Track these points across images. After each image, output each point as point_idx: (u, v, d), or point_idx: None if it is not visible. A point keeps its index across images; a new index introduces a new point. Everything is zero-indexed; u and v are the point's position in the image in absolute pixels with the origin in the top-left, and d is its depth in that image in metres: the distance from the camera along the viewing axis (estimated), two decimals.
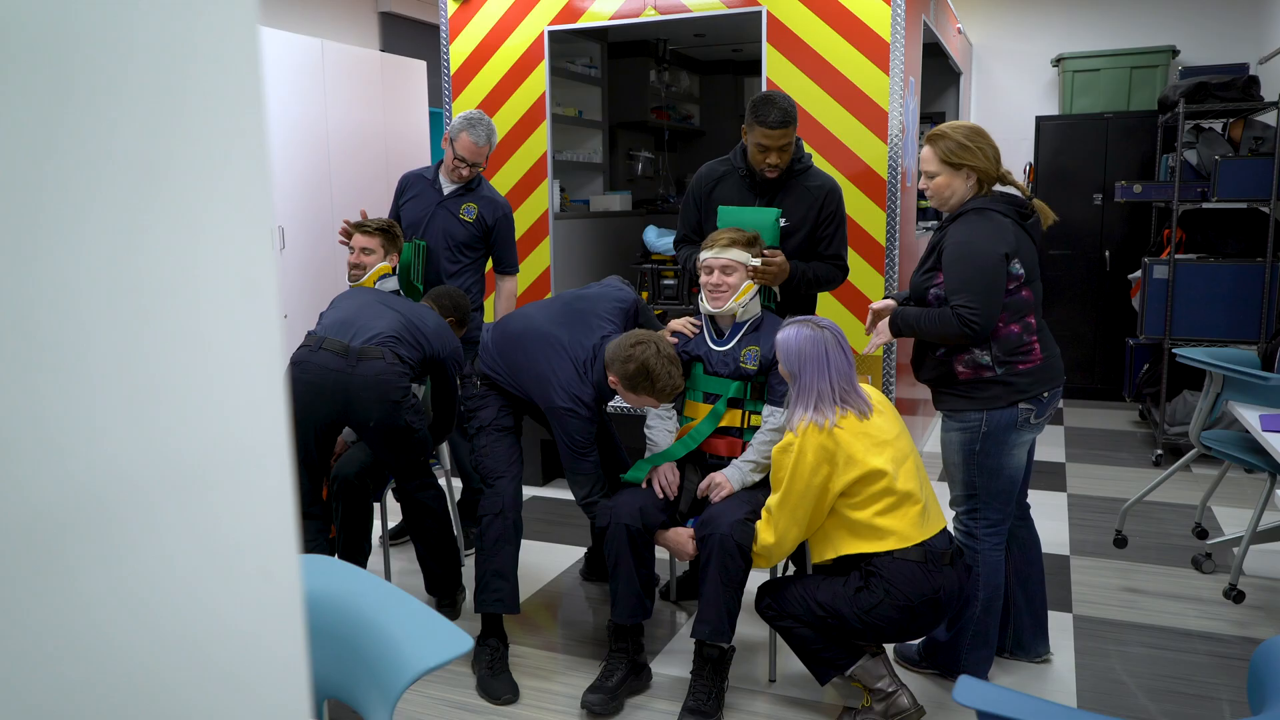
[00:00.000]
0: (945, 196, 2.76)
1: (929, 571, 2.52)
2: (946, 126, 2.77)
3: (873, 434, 2.58)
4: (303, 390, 3.05)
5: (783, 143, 3.16)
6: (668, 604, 3.59)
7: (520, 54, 4.89)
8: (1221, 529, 4.19)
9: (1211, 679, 2.98)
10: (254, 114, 0.48)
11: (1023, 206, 2.75)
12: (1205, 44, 6.61)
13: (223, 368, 0.48)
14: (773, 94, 3.18)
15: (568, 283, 5.20)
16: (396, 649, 1.34)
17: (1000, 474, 2.77)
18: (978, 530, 2.83)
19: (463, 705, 2.89)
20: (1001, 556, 2.85)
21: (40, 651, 0.45)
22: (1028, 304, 2.73)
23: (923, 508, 2.58)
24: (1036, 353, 2.73)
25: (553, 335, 3.00)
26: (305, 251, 5.27)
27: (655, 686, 2.98)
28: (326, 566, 1.56)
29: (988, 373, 2.72)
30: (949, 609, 2.61)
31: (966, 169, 2.72)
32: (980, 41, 7.18)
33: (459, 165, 3.86)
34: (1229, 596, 3.49)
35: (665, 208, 6.54)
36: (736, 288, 2.96)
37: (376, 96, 5.77)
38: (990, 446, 2.74)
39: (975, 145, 2.72)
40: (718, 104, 7.28)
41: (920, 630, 2.61)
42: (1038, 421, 2.79)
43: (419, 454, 3.29)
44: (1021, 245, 2.70)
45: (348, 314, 3.22)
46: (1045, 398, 2.76)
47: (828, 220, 3.28)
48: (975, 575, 2.82)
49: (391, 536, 4.21)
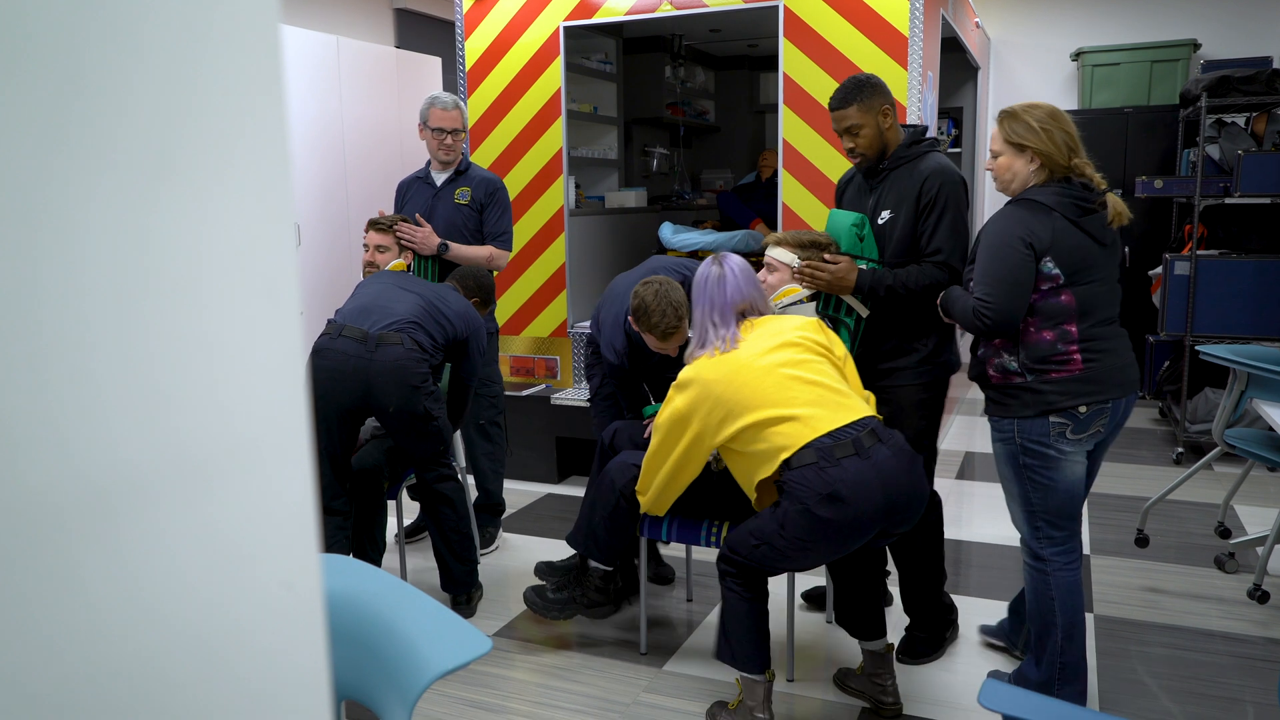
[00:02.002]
0: (1006, 179, 2.58)
1: (821, 469, 2.38)
2: (1021, 106, 2.59)
3: (745, 362, 2.54)
4: (324, 377, 3.08)
5: (846, 125, 2.92)
6: (684, 604, 3.57)
7: (535, 50, 4.87)
8: (1245, 528, 4.14)
9: (1235, 680, 2.94)
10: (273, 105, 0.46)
11: (1085, 202, 2.51)
12: (1227, 37, 6.54)
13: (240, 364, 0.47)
14: (851, 77, 2.99)
15: (583, 279, 5.18)
16: (414, 650, 1.33)
17: (1054, 489, 2.56)
18: (1043, 551, 2.63)
19: (481, 705, 2.88)
20: (1075, 577, 2.63)
21: (43, 644, 0.44)
22: (1066, 310, 2.49)
23: (800, 413, 2.46)
24: (1076, 363, 2.49)
25: (619, 287, 3.39)
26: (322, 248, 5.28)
27: (670, 684, 2.96)
28: (343, 566, 1.55)
29: (1016, 379, 2.55)
30: (861, 504, 2.39)
31: (1031, 152, 2.52)
32: (998, 36, 7.12)
33: (441, 138, 3.90)
34: (1253, 597, 3.45)
35: (680, 204, 6.52)
36: (775, 288, 2.93)
37: (392, 93, 5.77)
38: (1033, 461, 2.56)
39: (1043, 128, 2.51)
40: (733, 100, 7.25)
41: (843, 540, 2.45)
42: (1077, 438, 2.52)
43: (438, 443, 3.30)
44: (1062, 243, 2.47)
45: (367, 300, 3.24)
46: (1082, 413, 2.49)
47: (927, 210, 2.86)
48: (1046, 586, 2.63)
49: (407, 535, 4.21)
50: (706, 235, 5.26)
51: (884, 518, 2.45)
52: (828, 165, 4.37)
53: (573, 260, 5.03)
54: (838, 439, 2.43)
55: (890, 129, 2.93)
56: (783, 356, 2.55)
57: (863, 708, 2.80)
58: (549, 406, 4.91)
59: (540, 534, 4.30)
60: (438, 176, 4.02)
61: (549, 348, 5.07)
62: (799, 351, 2.57)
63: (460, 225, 3.95)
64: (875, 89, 2.91)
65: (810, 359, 2.57)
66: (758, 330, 2.65)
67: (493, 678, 3.03)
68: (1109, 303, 2.55)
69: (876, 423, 2.53)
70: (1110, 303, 2.56)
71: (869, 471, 2.40)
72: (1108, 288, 2.55)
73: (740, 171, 7.00)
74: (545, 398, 4.94)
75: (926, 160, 2.92)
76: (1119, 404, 2.54)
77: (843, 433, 2.44)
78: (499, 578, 3.81)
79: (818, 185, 4.40)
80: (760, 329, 2.65)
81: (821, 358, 2.60)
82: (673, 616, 3.45)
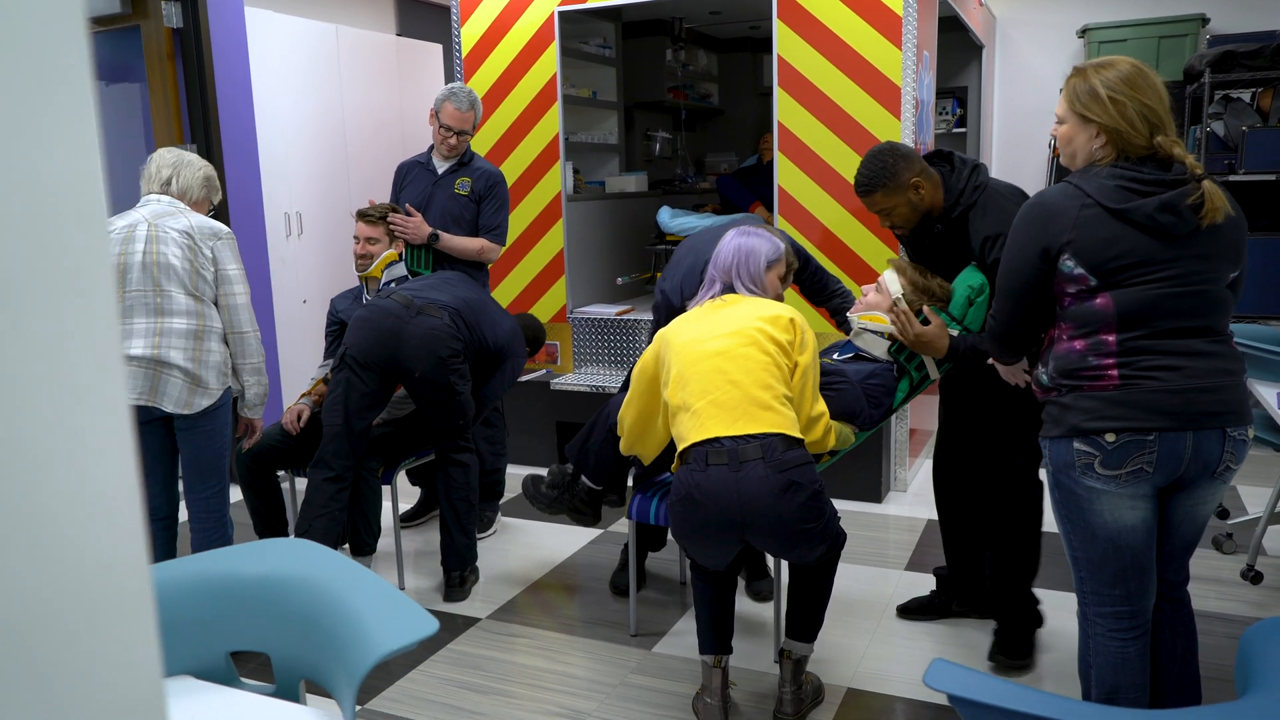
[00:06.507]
0: (1069, 152, 2.13)
1: (691, 471, 2.43)
2: (1094, 64, 2.10)
3: (698, 339, 2.55)
4: (359, 326, 3.29)
5: (875, 209, 2.77)
6: (677, 587, 3.59)
7: (531, 35, 4.87)
8: (1245, 508, 4.12)
9: (1227, 661, 2.93)
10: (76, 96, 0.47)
11: (1145, 186, 1.99)
12: (1236, 11, 6.44)
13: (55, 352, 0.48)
14: (872, 151, 2.79)
15: (582, 265, 5.20)
16: (364, 631, 1.36)
17: (1092, 536, 2.07)
18: (1088, 609, 2.15)
19: (468, 685, 2.91)
20: (1125, 650, 2.12)
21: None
22: (1101, 317, 2.02)
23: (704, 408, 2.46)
24: (1110, 379, 2.00)
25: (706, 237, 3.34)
26: (323, 236, 5.32)
27: (658, 665, 2.99)
28: (301, 550, 1.58)
29: (1049, 393, 2.13)
30: (709, 512, 2.40)
31: (1096, 126, 2.04)
32: (1003, 14, 7.05)
33: (446, 135, 3.91)
34: (1246, 578, 3.43)
35: (682, 188, 6.51)
36: (870, 306, 2.89)
37: (393, 81, 5.79)
38: (1062, 495, 2.11)
39: (1112, 96, 2.01)
40: (736, 82, 7.22)
41: (698, 539, 2.50)
42: (1110, 474, 2.01)
43: (459, 416, 3.40)
44: (1089, 236, 2.00)
45: (423, 284, 3.49)
46: (1109, 442, 1.99)
47: (992, 270, 2.59)
48: (1085, 647, 2.18)
49: (403, 520, 4.25)
50: (704, 219, 5.25)
51: (737, 529, 2.44)
52: (824, 148, 4.35)
53: (571, 246, 5.04)
54: (717, 447, 2.41)
55: (926, 196, 2.73)
56: (723, 345, 2.51)
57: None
58: (549, 391, 4.94)
59: (540, 519, 4.33)
60: (439, 165, 4.03)
61: (549, 333, 5.09)
62: (743, 345, 2.50)
63: (457, 216, 3.97)
64: (896, 171, 2.69)
65: (750, 356, 2.48)
66: (732, 309, 2.63)
67: (482, 659, 3.07)
68: (1176, 310, 1.98)
69: (775, 440, 2.40)
70: (1179, 310, 1.98)
71: (730, 484, 2.38)
72: (1172, 291, 1.98)
73: (745, 154, 6.98)
74: (545, 383, 4.96)
75: (984, 215, 2.70)
76: (1174, 439, 1.98)
77: (730, 441, 2.41)
78: (495, 561, 3.85)
79: (814, 169, 4.38)
80: (734, 308, 2.63)
81: (765, 357, 2.49)
82: (665, 599, 3.48)
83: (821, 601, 2.65)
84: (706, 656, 2.65)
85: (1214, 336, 2.02)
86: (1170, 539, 2.14)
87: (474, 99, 3.93)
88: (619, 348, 4.99)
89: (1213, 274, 2.01)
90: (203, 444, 2.92)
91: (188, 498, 2.99)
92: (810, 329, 2.62)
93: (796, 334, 2.57)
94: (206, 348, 2.85)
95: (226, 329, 2.91)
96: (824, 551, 2.53)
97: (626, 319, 4.98)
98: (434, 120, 3.94)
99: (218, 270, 2.89)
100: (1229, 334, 2.07)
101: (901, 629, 3.19)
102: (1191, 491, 2.06)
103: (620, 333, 4.98)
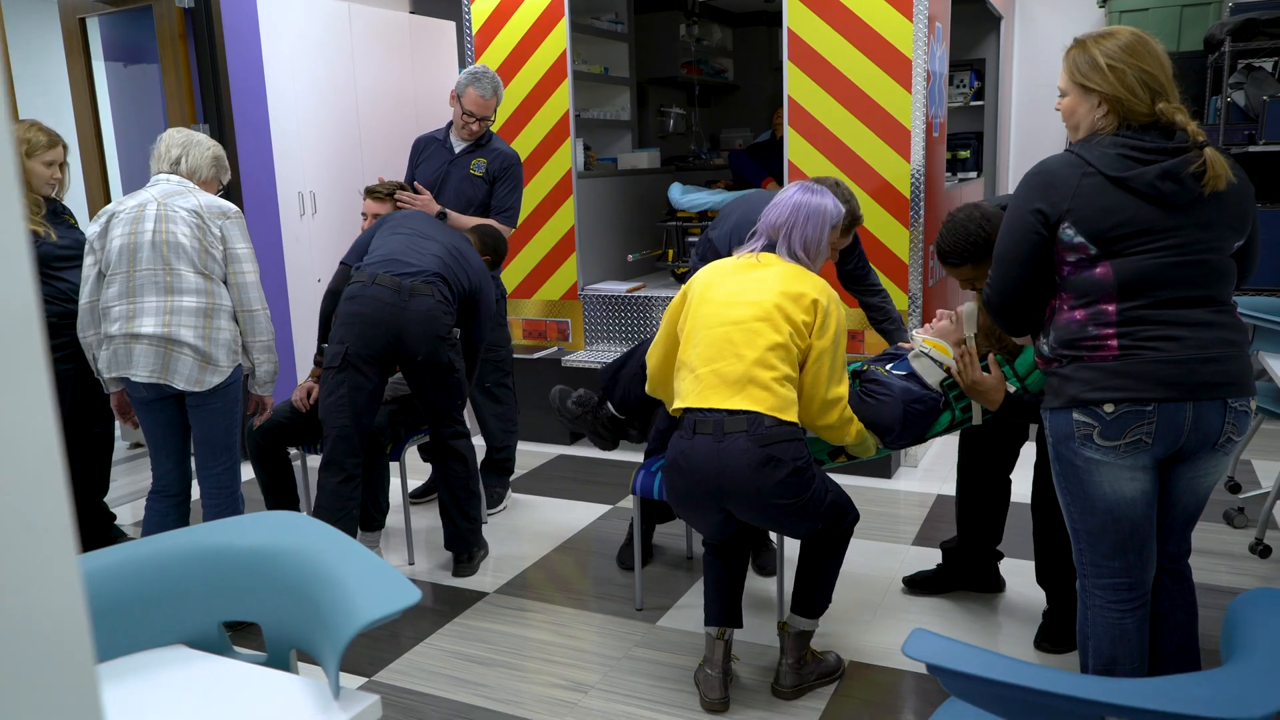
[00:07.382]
0: (1072, 124, 2.12)
1: (681, 437, 2.49)
2: (1093, 35, 2.08)
3: (721, 300, 2.54)
4: (356, 322, 3.20)
5: (961, 277, 2.71)
6: (684, 560, 3.62)
7: (540, 12, 4.86)
8: (1259, 482, 4.08)
9: None
10: None
11: (1146, 154, 1.98)
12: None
13: None
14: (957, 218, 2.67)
15: (594, 242, 5.20)
16: (349, 601, 1.38)
17: (1091, 507, 2.08)
18: (1086, 579, 2.16)
19: (473, 658, 2.96)
20: (1123, 621, 2.13)
21: None
22: (1101, 286, 2.01)
23: (705, 374, 2.47)
24: (1110, 349, 2.00)
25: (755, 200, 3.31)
26: (337, 215, 5.35)
27: (663, 639, 3.01)
28: (292, 522, 1.61)
29: (1050, 364, 2.13)
30: (692, 481, 2.45)
31: (1098, 96, 2.03)
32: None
33: (468, 120, 3.91)
34: (1255, 551, 3.41)
35: (696, 164, 6.49)
36: (939, 332, 2.86)
37: (406, 59, 5.79)
38: (1061, 467, 2.12)
39: (1112, 64, 2.00)
40: (751, 57, 7.17)
41: (686, 506, 2.56)
42: (1109, 444, 2.01)
43: (456, 396, 3.40)
44: (1088, 205, 1.99)
45: (396, 248, 3.32)
46: (1108, 413, 1.99)
47: None
48: (1083, 617, 2.19)
49: (413, 497, 4.29)
50: (715, 195, 5.24)
51: (717, 498, 2.47)
52: (834, 122, 4.32)
53: (582, 223, 5.04)
54: (706, 416, 2.45)
55: None
56: (740, 314, 2.49)
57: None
58: (560, 369, 4.96)
59: (551, 494, 4.37)
60: (456, 144, 4.04)
61: (560, 310, 5.11)
62: (757, 320, 2.47)
63: (471, 196, 3.98)
64: (990, 242, 2.48)
65: (761, 332, 2.46)
66: (761, 273, 2.57)
67: (488, 632, 3.11)
68: (1177, 280, 1.97)
69: (762, 418, 2.40)
70: (1180, 280, 1.97)
71: (712, 454, 2.41)
72: (1174, 260, 1.97)
73: (760, 130, 6.94)
74: (556, 360, 4.99)
75: None
76: (1173, 410, 1.98)
77: (720, 413, 2.43)
78: (505, 537, 3.89)
79: (824, 143, 4.36)
80: (763, 273, 2.57)
81: (778, 336, 2.45)
82: (671, 573, 3.50)
83: (825, 578, 2.66)
84: (710, 628, 2.67)
85: (1216, 306, 2.00)
86: (1171, 511, 2.14)
87: (497, 84, 3.93)
88: (630, 325, 5.00)
89: (1215, 243, 1.99)
90: (214, 421, 2.97)
91: (199, 475, 3.04)
92: (838, 308, 2.55)
93: (818, 316, 2.49)
94: (216, 325, 2.89)
95: (236, 307, 2.95)
96: (820, 528, 2.54)
97: (638, 296, 4.98)
98: (455, 102, 3.94)
99: (226, 249, 2.93)
100: (1232, 304, 2.06)
101: (907, 603, 3.20)
102: (1192, 464, 2.06)
103: (631, 310, 4.99)
